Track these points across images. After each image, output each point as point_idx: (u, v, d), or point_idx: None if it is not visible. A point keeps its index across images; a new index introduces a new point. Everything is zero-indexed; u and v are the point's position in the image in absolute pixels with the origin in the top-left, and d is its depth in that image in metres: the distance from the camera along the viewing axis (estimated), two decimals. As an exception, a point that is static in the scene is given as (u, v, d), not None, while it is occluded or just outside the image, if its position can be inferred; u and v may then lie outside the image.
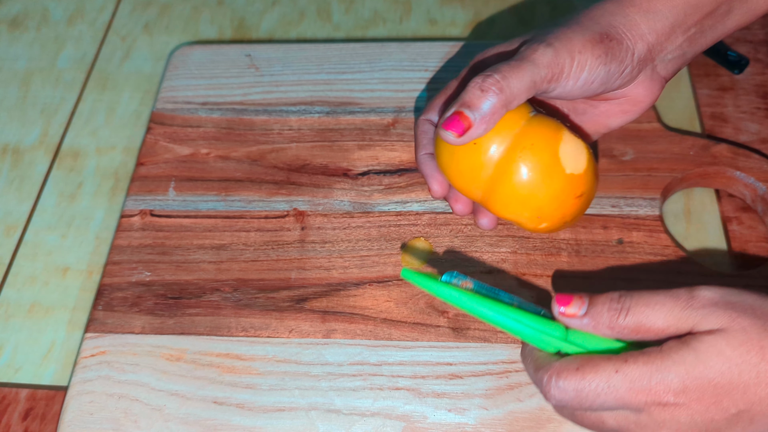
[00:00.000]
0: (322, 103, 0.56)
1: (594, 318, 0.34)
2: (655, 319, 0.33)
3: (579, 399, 0.33)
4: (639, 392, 0.32)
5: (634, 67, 0.41)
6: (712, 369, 0.31)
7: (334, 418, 0.42)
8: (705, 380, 0.31)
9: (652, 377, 0.32)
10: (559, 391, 0.33)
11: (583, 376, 0.33)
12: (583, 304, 0.34)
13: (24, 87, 0.62)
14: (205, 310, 0.47)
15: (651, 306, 0.33)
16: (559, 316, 0.35)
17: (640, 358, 0.32)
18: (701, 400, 0.31)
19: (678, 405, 0.32)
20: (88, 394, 0.44)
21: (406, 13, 0.65)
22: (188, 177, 0.53)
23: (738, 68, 0.57)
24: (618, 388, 0.32)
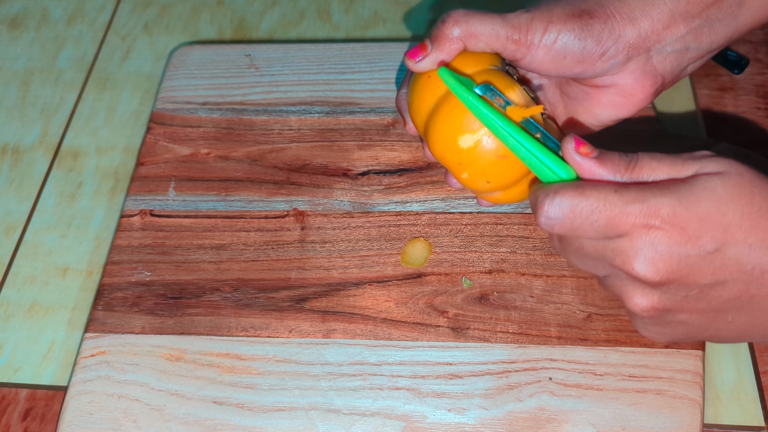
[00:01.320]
0: (322, 103, 0.56)
1: (604, 161, 0.34)
2: (659, 172, 0.34)
3: (572, 216, 0.33)
4: (630, 213, 0.33)
5: (620, 51, 0.39)
6: (701, 203, 0.32)
7: (333, 418, 0.42)
8: (692, 212, 0.32)
9: (646, 200, 0.33)
10: (554, 208, 0.34)
11: (582, 192, 0.33)
12: (596, 149, 0.35)
13: (24, 87, 0.62)
14: (205, 310, 0.47)
15: (657, 159, 0.34)
16: (571, 153, 0.35)
17: (639, 185, 0.33)
18: (683, 231, 0.32)
19: (661, 230, 0.32)
20: (87, 394, 0.44)
21: (406, 13, 0.65)
22: (188, 177, 0.53)
23: (738, 68, 0.57)
24: (613, 206, 0.33)
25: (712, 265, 0.33)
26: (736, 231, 0.32)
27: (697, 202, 0.32)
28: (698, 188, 0.33)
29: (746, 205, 0.32)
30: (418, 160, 0.52)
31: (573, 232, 0.34)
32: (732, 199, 0.32)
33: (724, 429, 0.42)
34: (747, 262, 0.33)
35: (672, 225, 0.32)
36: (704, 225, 0.32)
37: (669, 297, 0.34)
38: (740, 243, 0.32)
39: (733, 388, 0.44)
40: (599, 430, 0.41)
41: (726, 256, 0.33)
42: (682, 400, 0.41)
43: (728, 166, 0.33)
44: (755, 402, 0.43)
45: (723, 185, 0.33)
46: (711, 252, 0.33)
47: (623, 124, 0.52)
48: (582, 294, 0.45)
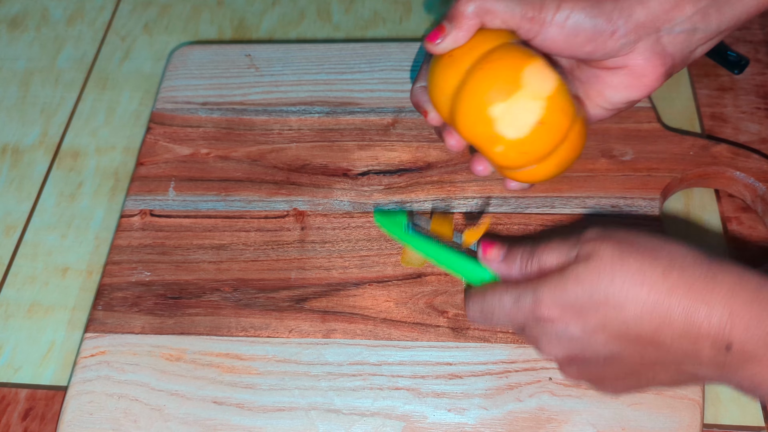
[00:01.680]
0: (322, 103, 0.56)
1: (508, 262, 0.40)
2: (552, 259, 0.37)
3: (483, 315, 0.40)
4: (520, 309, 0.38)
5: (630, 30, 0.40)
6: (570, 290, 0.35)
7: (333, 418, 0.42)
8: (566, 299, 0.35)
9: (529, 296, 0.37)
10: (469, 309, 0.41)
11: (483, 296, 0.40)
12: (501, 251, 0.40)
13: (24, 87, 0.62)
14: (205, 310, 0.47)
15: (549, 249, 0.38)
16: (483, 259, 0.41)
17: (525, 283, 0.38)
18: (562, 318, 0.36)
19: (549, 320, 0.36)
20: (87, 394, 0.44)
21: (406, 13, 0.65)
22: (188, 177, 0.53)
23: (738, 68, 0.57)
24: (505, 304, 0.38)
25: (600, 339, 0.35)
26: (606, 310, 0.35)
27: (566, 290, 0.35)
28: (566, 278, 0.36)
29: (608, 285, 0.34)
30: (418, 160, 0.52)
31: (492, 326, 0.42)
32: (593, 282, 0.35)
33: (724, 429, 0.42)
34: (628, 334, 0.35)
35: (550, 314, 0.36)
36: (577, 310, 0.35)
37: (584, 369, 0.38)
38: (615, 319, 0.34)
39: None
40: (599, 430, 0.41)
41: (608, 331, 0.35)
42: (682, 400, 0.41)
43: (594, 249, 0.35)
44: (755, 402, 0.43)
45: (586, 271, 0.35)
46: (593, 330, 0.35)
47: (623, 125, 0.52)
48: (582, 294, 0.45)
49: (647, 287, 0.34)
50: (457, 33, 0.41)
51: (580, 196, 0.49)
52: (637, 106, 0.53)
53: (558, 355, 0.38)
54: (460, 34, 0.41)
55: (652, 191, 0.49)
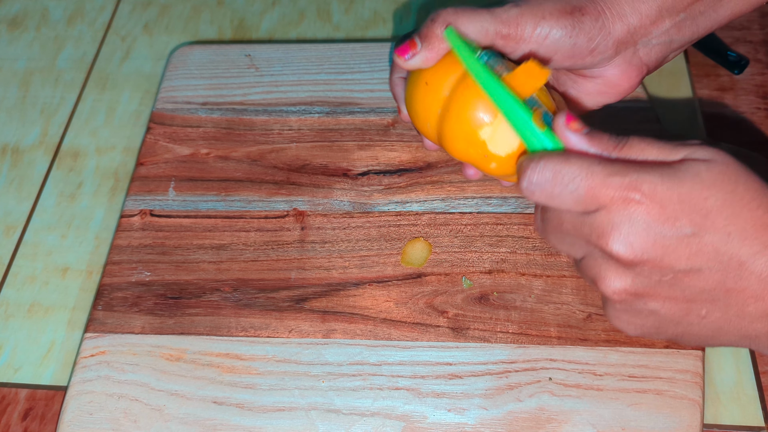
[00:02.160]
0: (322, 103, 0.56)
1: (593, 138, 0.34)
2: (648, 154, 0.34)
3: (554, 182, 0.33)
4: (611, 185, 0.32)
5: (609, 47, 0.40)
6: (683, 183, 0.32)
7: (333, 418, 0.42)
8: (673, 191, 0.32)
9: (629, 174, 0.32)
10: (537, 173, 0.34)
11: (567, 158, 0.34)
12: (586, 126, 0.35)
13: (24, 87, 0.62)
14: (205, 310, 0.47)
15: (647, 141, 0.34)
16: (562, 127, 0.35)
17: (624, 161, 0.33)
18: (663, 209, 0.32)
19: (640, 204, 0.32)
20: (87, 394, 0.44)
21: (406, 13, 0.65)
22: (188, 177, 0.53)
23: (738, 68, 0.57)
24: (594, 175, 0.33)
25: (689, 249, 0.32)
26: (716, 217, 0.32)
27: (680, 182, 0.32)
28: (682, 170, 0.32)
29: (729, 193, 0.32)
30: (418, 160, 0.52)
31: (553, 201, 0.34)
32: (715, 185, 0.32)
33: (724, 429, 0.42)
34: (724, 252, 0.32)
35: (651, 201, 0.32)
36: (684, 206, 0.32)
37: (642, 280, 0.33)
38: (719, 230, 0.32)
39: (733, 388, 0.44)
40: (599, 430, 0.41)
41: (703, 242, 0.32)
42: (682, 400, 0.41)
43: (716, 154, 0.33)
44: (755, 402, 0.43)
45: (708, 171, 0.32)
46: (688, 235, 0.32)
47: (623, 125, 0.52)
48: (582, 294, 0.45)
49: (764, 208, 0.32)
50: (426, 54, 0.40)
51: (580, 196, 0.49)
52: (637, 106, 0.53)
53: (627, 254, 0.32)
54: (430, 55, 0.40)
55: (652, 191, 0.49)
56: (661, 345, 0.43)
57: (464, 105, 0.40)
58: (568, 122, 0.35)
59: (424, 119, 0.42)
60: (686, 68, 0.58)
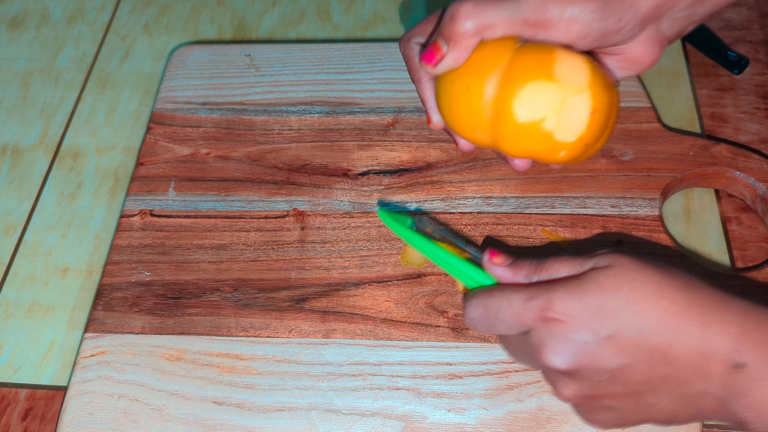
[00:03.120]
0: (322, 103, 0.56)
1: (514, 269, 0.38)
2: (561, 272, 0.36)
3: (486, 314, 0.37)
4: (530, 308, 0.35)
5: (636, 24, 0.40)
6: (589, 294, 0.34)
7: (333, 418, 0.42)
8: (582, 303, 0.34)
9: (542, 296, 0.35)
10: (471, 308, 0.38)
11: (490, 294, 0.37)
12: (508, 259, 0.38)
13: (24, 87, 0.62)
14: (205, 310, 0.47)
15: (560, 261, 0.37)
16: (487, 263, 0.39)
17: (537, 283, 0.37)
18: (576, 320, 0.34)
19: (558, 321, 0.34)
20: (87, 394, 0.44)
21: (406, 13, 0.65)
22: (188, 177, 0.53)
23: (738, 68, 0.57)
24: (514, 302, 0.36)
25: (612, 348, 0.34)
26: (626, 316, 0.34)
27: (584, 293, 0.34)
28: (586, 281, 0.35)
29: (629, 292, 0.34)
30: (418, 160, 0.52)
31: (492, 330, 0.38)
32: (615, 288, 0.34)
33: (724, 429, 0.42)
34: (644, 345, 0.34)
35: (564, 316, 0.34)
36: (593, 313, 0.34)
37: (586, 384, 0.35)
38: (631, 326, 0.34)
39: (733, 388, 0.44)
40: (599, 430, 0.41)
41: (622, 339, 0.34)
42: (682, 400, 0.41)
43: (614, 259, 0.35)
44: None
45: (606, 277, 0.35)
46: (606, 337, 0.34)
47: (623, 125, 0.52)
48: (582, 294, 0.45)
49: (668, 299, 0.34)
50: (455, 54, 0.39)
51: (580, 196, 0.49)
52: (637, 105, 0.53)
53: (562, 364, 0.35)
54: (459, 54, 0.39)
55: (652, 191, 0.49)
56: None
57: (518, 100, 0.38)
58: (491, 258, 0.38)
59: (471, 126, 0.41)
60: (686, 68, 0.58)
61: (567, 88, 0.38)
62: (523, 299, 0.36)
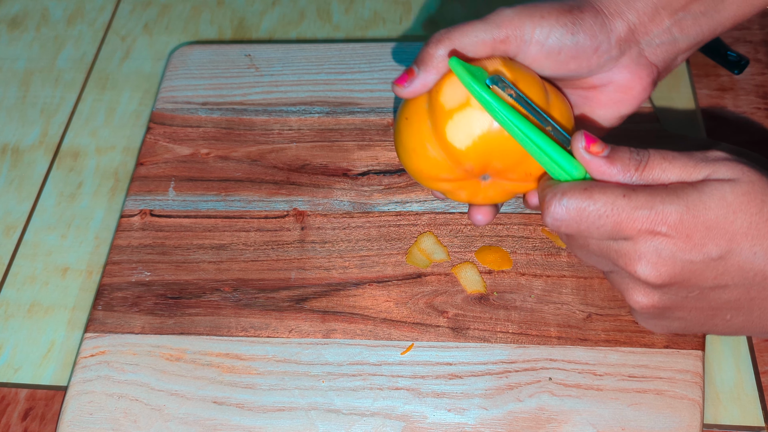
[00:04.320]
0: (322, 103, 0.56)
1: (613, 162, 0.34)
2: (670, 174, 0.34)
3: (579, 218, 0.33)
4: (638, 219, 0.32)
5: (612, 45, 0.39)
6: (709, 210, 0.32)
7: (333, 418, 0.42)
8: (700, 219, 0.32)
9: (655, 206, 0.32)
10: (561, 209, 0.34)
11: (590, 195, 0.33)
12: (606, 147, 0.34)
13: (24, 87, 0.62)
14: (205, 310, 0.47)
15: (668, 160, 0.34)
16: (581, 151, 0.34)
17: (647, 189, 0.33)
18: (689, 239, 0.32)
19: (667, 236, 0.32)
20: (87, 394, 0.44)
21: (406, 13, 0.65)
22: (188, 177, 0.53)
23: (738, 68, 0.57)
24: (621, 210, 0.33)
25: (715, 270, 0.33)
26: (743, 239, 0.32)
27: (705, 209, 0.32)
28: (707, 195, 0.32)
29: (755, 213, 0.32)
30: (418, 160, 0.52)
31: (579, 233, 0.34)
32: (741, 207, 0.32)
33: (724, 429, 0.42)
34: (750, 269, 0.33)
35: (678, 232, 0.32)
36: (711, 233, 0.32)
37: (669, 297, 0.34)
38: (745, 251, 0.33)
39: (733, 388, 0.44)
40: (599, 430, 0.41)
41: (729, 263, 0.33)
42: (682, 400, 0.41)
43: (740, 172, 0.33)
44: (755, 402, 0.43)
45: (733, 193, 0.32)
46: (715, 258, 0.33)
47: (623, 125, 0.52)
48: (582, 294, 0.45)
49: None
50: (426, 76, 0.39)
51: (580, 196, 0.49)
52: (637, 106, 0.53)
53: (656, 279, 0.33)
54: (430, 77, 0.39)
55: (652, 191, 0.49)
56: (661, 345, 0.43)
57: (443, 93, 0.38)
58: (587, 145, 0.34)
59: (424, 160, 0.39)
60: (686, 68, 0.58)
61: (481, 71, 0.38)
62: (632, 207, 0.33)
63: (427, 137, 0.39)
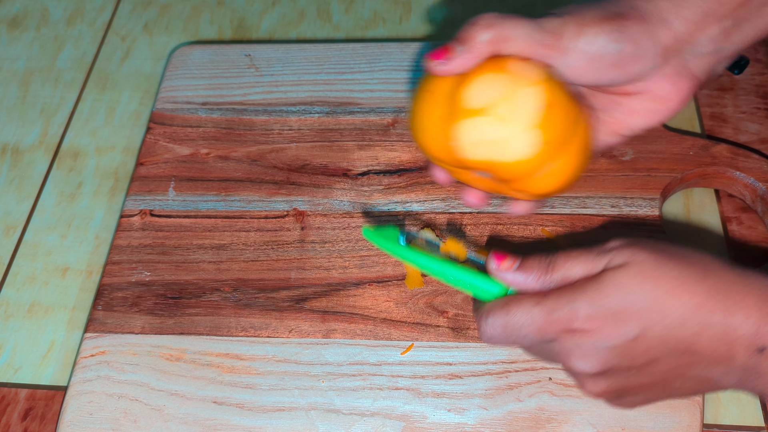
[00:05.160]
0: (322, 103, 0.56)
1: (525, 272, 0.37)
2: (575, 270, 0.36)
3: (506, 333, 0.36)
4: (554, 321, 0.35)
5: (657, 54, 0.39)
6: (609, 297, 0.34)
7: (333, 418, 0.42)
8: (606, 308, 0.34)
9: (564, 306, 0.35)
10: (488, 327, 0.37)
11: (508, 311, 0.36)
12: (515, 262, 0.37)
13: (24, 87, 0.62)
14: (205, 310, 0.47)
15: (571, 259, 0.36)
16: (494, 271, 0.37)
17: (555, 292, 0.36)
18: (603, 327, 0.34)
19: (584, 331, 0.34)
20: (87, 394, 0.44)
21: (406, 13, 0.65)
22: (188, 177, 0.53)
23: (738, 68, 0.57)
24: (536, 317, 0.35)
25: (639, 348, 0.34)
26: (651, 315, 0.34)
27: (605, 298, 0.34)
28: (605, 284, 0.34)
29: (651, 290, 0.34)
30: (418, 160, 0.52)
31: (513, 345, 0.38)
32: (635, 288, 0.34)
33: (724, 429, 0.42)
34: (670, 340, 0.34)
35: (590, 325, 0.34)
36: (618, 318, 0.34)
37: (614, 380, 0.36)
38: (657, 325, 0.34)
39: (733, 388, 0.44)
40: (599, 430, 0.41)
41: (649, 338, 0.34)
42: (682, 400, 0.41)
43: (630, 256, 0.35)
44: (755, 402, 0.43)
45: (627, 276, 0.34)
46: (633, 339, 0.34)
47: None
48: (582, 294, 0.45)
49: (689, 292, 0.34)
50: (465, 58, 0.38)
51: (579, 196, 0.49)
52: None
53: (591, 369, 0.35)
54: (469, 61, 0.38)
55: (652, 191, 0.49)
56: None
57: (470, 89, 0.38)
58: (498, 264, 0.37)
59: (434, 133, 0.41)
60: (686, 68, 0.58)
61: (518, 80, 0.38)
62: (545, 312, 0.35)
63: (439, 119, 0.40)
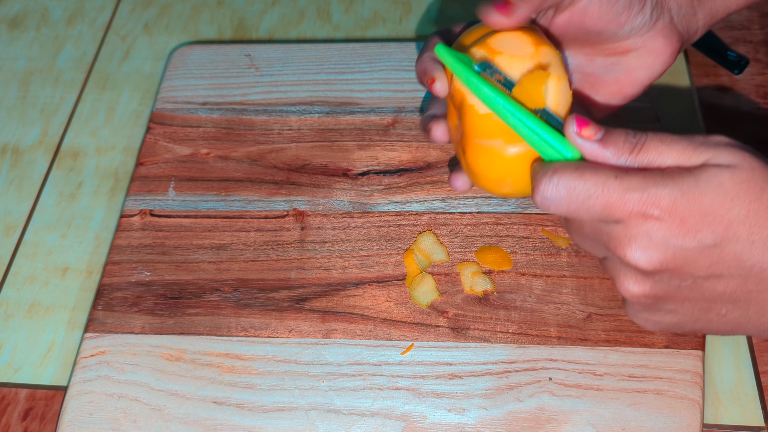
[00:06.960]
0: (322, 103, 0.56)
1: (607, 146, 0.33)
2: (667, 157, 0.33)
3: (569, 198, 0.32)
4: (629, 201, 0.31)
5: (654, 5, 0.39)
6: (705, 195, 0.31)
7: (333, 418, 0.42)
8: (695, 204, 0.31)
9: (647, 188, 0.31)
10: (551, 188, 0.33)
11: (581, 174, 0.32)
12: (599, 131, 0.34)
13: (24, 87, 0.62)
14: (205, 310, 0.47)
15: (666, 143, 0.33)
16: (573, 136, 0.34)
17: (641, 172, 0.32)
18: (682, 223, 0.31)
19: (659, 220, 0.31)
20: (87, 394, 0.44)
21: (406, 13, 0.65)
22: (188, 177, 0.53)
23: (738, 68, 0.57)
24: (611, 192, 0.32)
25: (710, 258, 0.32)
26: (740, 227, 0.31)
27: (701, 195, 0.31)
28: (704, 180, 0.31)
29: (754, 201, 0.31)
30: (418, 160, 0.52)
31: (569, 214, 0.33)
32: (740, 194, 0.31)
33: (724, 429, 0.42)
34: (747, 259, 0.32)
35: (671, 216, 0.31)
36: (706, 219, 0.31)
37: (661, 286, 0.33)
38: (742, 240, 0.31)
39: (733, 388, 0.44)
40: (599, 430, 0.41)
41: (725, 252, 0.32)
42: (682, 400, 0.41)
43: (741, 158, 0.32)
44: (755, 402, 0.43)
45: (732, 179, 0.31)
46: (709, 246, 0.32)
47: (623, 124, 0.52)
48: (582, 294, 0.45)
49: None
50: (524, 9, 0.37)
51: (580, 196, 0.49)
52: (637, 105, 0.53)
53: (647, 264, 0.32)
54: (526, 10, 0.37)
55: (652, 191, 0.49)
56: (661, 345, 0.43)
57: None
58: (579, 129, 0.33)
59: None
60: (686, 68, 0.58)
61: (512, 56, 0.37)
62: (623, 188, 0.31)
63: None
